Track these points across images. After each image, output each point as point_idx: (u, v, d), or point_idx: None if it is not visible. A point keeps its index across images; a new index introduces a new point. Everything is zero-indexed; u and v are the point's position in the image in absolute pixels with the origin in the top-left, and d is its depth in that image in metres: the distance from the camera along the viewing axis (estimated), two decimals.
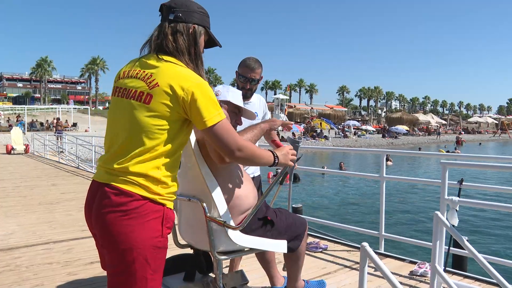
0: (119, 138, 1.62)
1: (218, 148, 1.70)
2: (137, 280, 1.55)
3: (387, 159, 21.29)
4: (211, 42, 1.83)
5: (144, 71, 1.64)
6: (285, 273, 2.69)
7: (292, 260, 2.49)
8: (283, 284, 2.76)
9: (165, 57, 1.64)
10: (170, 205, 1.65)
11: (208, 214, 2.01)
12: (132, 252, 1.53)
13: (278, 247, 2.22)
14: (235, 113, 2.26)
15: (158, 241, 1.57)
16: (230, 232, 2.02)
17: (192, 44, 1.69)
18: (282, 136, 35.70)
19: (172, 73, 1.59)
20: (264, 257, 2.73)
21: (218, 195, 2.02)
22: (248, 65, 2.91)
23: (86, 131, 35.11)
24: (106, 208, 1.56)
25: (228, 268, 3.25)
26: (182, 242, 2.38)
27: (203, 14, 1.75)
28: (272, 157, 1.87)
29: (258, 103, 3.17)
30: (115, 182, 1.57)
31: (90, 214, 1.65)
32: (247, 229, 2.09)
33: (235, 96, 2.23)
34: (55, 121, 33.99)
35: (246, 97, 2.99)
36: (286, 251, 2.27)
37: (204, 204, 2.01)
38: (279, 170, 16.90)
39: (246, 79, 2.92)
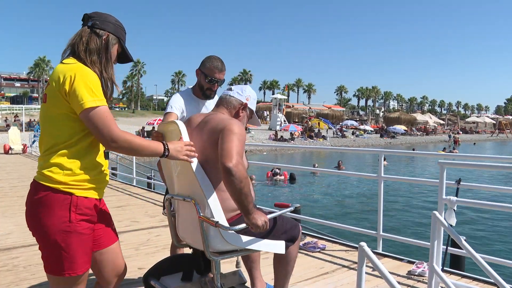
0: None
1: (95, 136, 1.75)
2: (56, 261, 1.73)
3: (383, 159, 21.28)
4: (124, 57, 1.96)
5: (50, 79, 1.81)
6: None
7: (282, 264, 2.35)
8: None
9: (66, 61, 1.79)
10: (81, 193, 1.75)
11: (201, 214, 2.00)
12: (46, 237, 1.72)
13: (275, 247, 2.17)
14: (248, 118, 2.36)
15: (66, 226, 1.71)
16: (224, 232, 2.00)
17: (104, 48, 1.83)
18: (281, 136, 35.72)
19: (60, 69, 1.75)
20: (249, 256, 2.64)
21: (211, 195, 2.01)
22: (216, 66, 2.77)
23: None
24: (28, 202, 1.79)
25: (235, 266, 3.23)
26: (182, 241, 2.38)
27: (119, 27, 1.91)
28: (162, 149, 1.84)
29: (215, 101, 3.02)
30: (36, 177, 1.80)
31: None
32: (246, 229, 2.03)
33: (254, 103, 2.35)
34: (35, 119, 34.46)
35: (210, 97, 2.91)
36: (284, 252, 2.21)
37: (197, 204, 2.00)
38: (277, 170, 16.64)
39: (214, 81, 2.80)
